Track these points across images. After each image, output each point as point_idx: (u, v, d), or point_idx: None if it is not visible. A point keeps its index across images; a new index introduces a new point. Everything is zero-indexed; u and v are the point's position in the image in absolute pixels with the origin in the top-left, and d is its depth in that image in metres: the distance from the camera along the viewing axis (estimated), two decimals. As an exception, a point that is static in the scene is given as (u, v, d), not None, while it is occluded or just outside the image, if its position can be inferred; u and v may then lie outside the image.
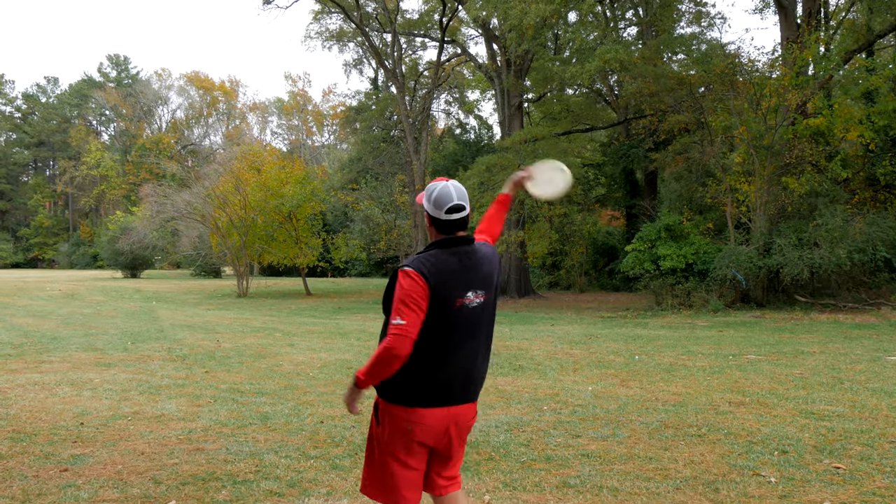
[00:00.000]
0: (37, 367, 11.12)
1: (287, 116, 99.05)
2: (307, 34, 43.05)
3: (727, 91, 22.34)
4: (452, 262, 3.36)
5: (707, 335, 15.29)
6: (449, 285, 3.31)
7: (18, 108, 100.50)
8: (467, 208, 3.49)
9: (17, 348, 13.44)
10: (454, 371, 3.41)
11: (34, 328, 17.28)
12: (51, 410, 7.95)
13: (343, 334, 16.37)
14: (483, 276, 3.43)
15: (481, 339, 3.48)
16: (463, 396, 3.46)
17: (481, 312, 3.44)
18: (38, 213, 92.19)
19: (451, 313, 3.34)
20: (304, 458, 6.14)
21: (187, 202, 34.51)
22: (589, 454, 6.12)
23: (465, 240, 3.45)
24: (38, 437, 6.79)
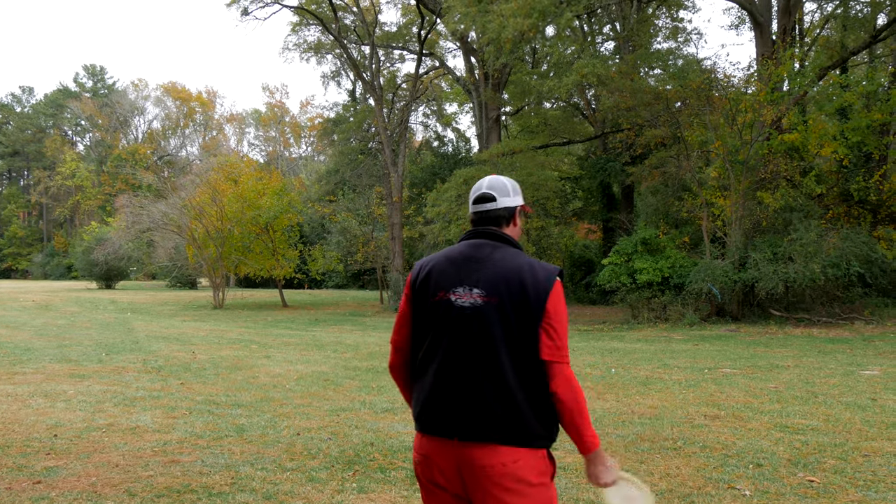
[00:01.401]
0: (10, 378, 11.00)
1: (264, 128, 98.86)
2: (285, 46, 42.97)
3: (703, 106, 22.52)
4: (454, 252, 2.94)
5: (683, 349, 15.37)
6: (434, 276, 2.90)
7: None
8: (499, 200, 2.95)
9: (-11, 359, 13.30)
10: (425, 385, 2.87)
11: (7, 339, 17.10)
12: (24, 422, 7.87)
13: (320, 346, 16.32)
14: (492, 275, 2.79)
15: (473, 353, 2.75)
16: (438, 424, 2.80)
17: (476, 317, 2.76)
18: (11, 224, 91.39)
19: (428, 308, 2.89)
20: (281, 470, 6.11)
21: (163, 213, 34.32)
22: (565, 467, 6.13)
23: (486, 233, 2.95)
24: (11, 449, 6.72)
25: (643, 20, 31.23)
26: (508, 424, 2.69)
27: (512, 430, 2.69)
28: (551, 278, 2.75)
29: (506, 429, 2.69)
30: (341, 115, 44.21)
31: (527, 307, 2.71)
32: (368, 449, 6.77)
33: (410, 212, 38.19)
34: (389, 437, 7.25)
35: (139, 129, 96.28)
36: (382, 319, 26.39)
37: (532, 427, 2.71)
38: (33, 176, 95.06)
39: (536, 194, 27.06)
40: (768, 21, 23.94)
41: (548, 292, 2.72)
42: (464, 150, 43.96)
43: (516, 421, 2.69)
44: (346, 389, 10.22)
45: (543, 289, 2.72)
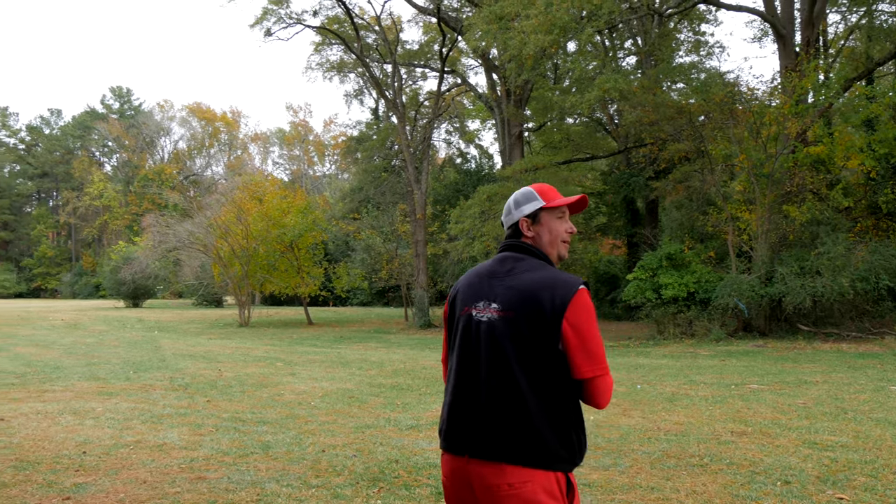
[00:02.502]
0: (40, 396, 11.10)
1: (288, 147, 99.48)
2: (308, 65, 43.31)
3: (727, 119, 22.41)
4: (483, 268, 2.94)
5: (709, 364, 15.25)
6: (462, 291, 2.91)
7: (22, 140, 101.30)
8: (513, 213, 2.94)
9: (20, 377, 13.44)
10: (446, 402, 2.88)
11: (37, 358, 17.27)
12: (53, 439, 7.94)
13: (345, 364, 16.34)
14: (508, 290, 2.75)
15: (486, 370, 2.72)
16: (451, 439, 2.80)
17: (491, 332, 2.73)
18: (41, 244, 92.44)
19: (457, 324, 2.89)
20: (306, 487, 6.12)
21: (189, 232, 34.58)
22: (590, 484, 6.09)
23: (512, 245, 2.92)
24: (41, 466, 6.78)
25: (665, 34, 31.18)
26: (519, 444, 2.62)
27: (523, 450, 2.62)
28: (571, 291, 2.65)
29: (516, 448, 2.62)
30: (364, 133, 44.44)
31: (542, 321, 2.63)
32: (393, 466, 6.76)
33: (434, 229, 38.25)
34: (414, 454, 7.23)
35: (165, 150, 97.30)
36: (407, 337, 26.39)
37: (549, 448, 2.63)
38: (62, 196, 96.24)
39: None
40: (791, 33, 23.82)
41: (565, 306, 2.62)
42: (487, 167, 44.04)
43: (529, 441, 2.62)
44: (371, 406, 10.22)
45: (560, 302, 2.63)
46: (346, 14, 33.05)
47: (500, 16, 22.94)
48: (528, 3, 21.83)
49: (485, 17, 23.44)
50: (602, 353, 2.67)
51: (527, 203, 2.92)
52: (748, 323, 21.24)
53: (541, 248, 2.90)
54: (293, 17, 33.53)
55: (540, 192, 2.93)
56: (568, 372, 2.66)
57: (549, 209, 2.91)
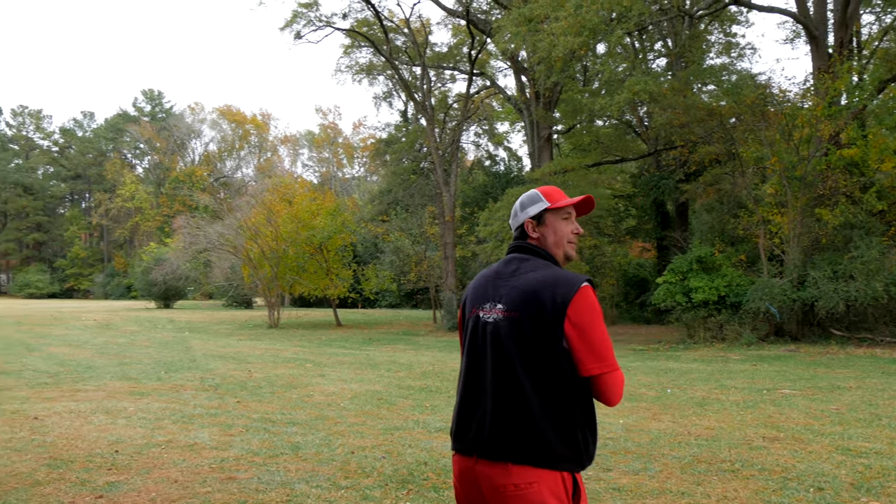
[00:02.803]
0: (72, 395, 11.23)
1: (318, 149, 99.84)
2: (337, 68, 43.62)
3: (758, 122, 22.23)
4: (491, 269, 2.98)
5: (740, 369, 15.12)
6: (471, 294, 2.97)
7: (56, 142, 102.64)
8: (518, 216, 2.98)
9: (53, 377, 13.60)
10: (456, 402, 2.91)
11: (70, 357, 17.47)
12: (86, 438, 8.03)
13: (373, 365, 16.37)
14: (512, 290, 2.77)
15: (491, 370, 2.74)
16: (460, 440, 2.83)
17: (496, 333, 2.76)
18: (73, 245, 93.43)
19: (465, 325, 2.96)
20: (335, 488, 6.14)
21: (220, 234, 34.83)
22: (620, 488, 6.06)
23: (518, 247, 2.95)
24: (74, 464, 6.86)
25: (695, 36, 30.97)
26: (524, 444, 2.63)
27: (528, 451, 2.62)
28: (572, 289, 2.64)
29: (521, 449, 2.63)
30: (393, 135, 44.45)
31: (544, 320, 2.63)
32: (422, 468, 6.76)
33: (463, 231, 38.23)
34: (443, 456, 7.23)
35: (196, 152, 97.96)
36: (436, 339, 26.40)
37: (553, 448, 2.62)
38: (94, 198, 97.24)
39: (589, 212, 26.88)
40: (824, 34, 23.57)
41: (566, 304, 2.62)
42: (516, 169, 43.96)
43: (533, 440, 2.62)
44: (400, 408, 10.23)
45: (561, 301, 2.62)
46: (376, 17, 33.14)
47: (529, 18, 22.90)
48: (557, 5, 21.76)
49: (514, 20, 23.41)
50: (609, 350, 2.67)
51: (531, 205, 2.94)
52: (780, 327, 21.05)
53: (546, 249, 2.91)
54: (323, 19, 33.67)
55: (545, 193, 2.95)
56: (573, 370, 2.65)
57: (553, 210, 2.92)
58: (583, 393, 2.69)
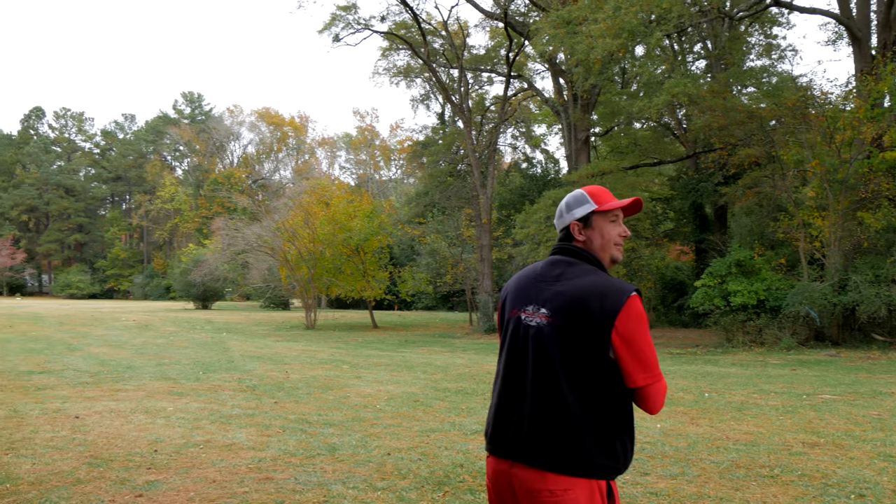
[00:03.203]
0: (113, 395, 11.37)
1: (355, 151, 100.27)
2: (375, 70, 43.65)
3: (799, 124, 21.98)
4: (534, 270, 2.89)
5: (780, 373, 14.96)
6: (512, 294, 2.90)
7: (97, 145, 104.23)
8: (564, 217, 2.90)
9: (94, 376, 13.77)
10: (492, 404, 2.87)
11: (110, 357, 17.69)
12: (126, 437, 8.12)
13: (409, 367, 16.40)
14: (557, 296, 2.70)
15: (532, 375, 2.70)
16: (494, 442, 2.80)
17: (538, 337, 2.70)
18: (114, 246, 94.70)
19: (504, 326, 2.89)
20: (372, 489, 6.16)
21: (257, 235, 35.10)
22: (657, 493, 6.02)
23: (564, 249, 2.87)
24: (115, 463, 6.94)
25: (735, 38, 30.69)
26: (562, 451, 2.59)
27: (565, 458, 2.59)
28: (621, 299, 2.60)
29: (558, 456, 2.59)
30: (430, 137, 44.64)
31: (590, 329, 2.59)
32: (458, 470, 6.77)
33: (499, 233, 38.21)
34: (479, 458, 7.23)
35: (234, 154, 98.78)
36: (472, 341, 26.39)
37: (591, 456, 2.59)
38: (134, 200, 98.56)
39: (627, 215, 26.71)
40: (867, 36, 23.26)
41: (615, 314, 2.58)
42: (553, 172, 43.85)
43: (571, 449, 2.59)
44: (436, 410, 10.24)
45: (610, 311, 2.58)
46: (414, 19, 33.23)
47: (567, 20, 22.84)
48: (595, 7, 21.69)
49: (552, 22, 23.36)
50: (654, 360, 2.64)
51: (578, 206, 2.87)
52: (820, 332, 20.79)
53: (593, 253, 2.85)
54: (361, 22, 33.82)
55: (592, 194, 2.88)
56: (616, 379, 2.63)
57: (601, 212, 2.86)
58: (624, 401, 2.67)
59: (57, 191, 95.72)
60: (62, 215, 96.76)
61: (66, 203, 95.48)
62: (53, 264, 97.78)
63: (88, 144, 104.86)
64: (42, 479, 6.39)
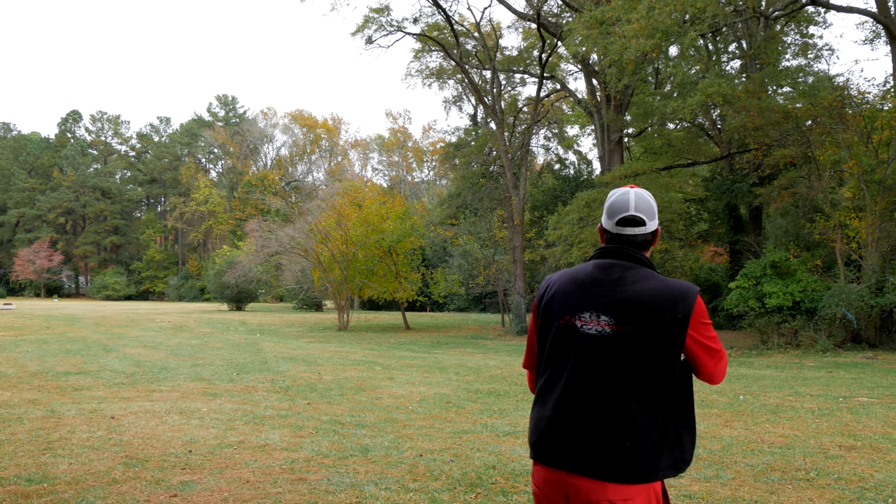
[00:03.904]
0: (148, 395, 11.48)
1: (388, 153, 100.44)
2: (408, 72, 43.67)
3: (836, 124, 21.74)
4: (582, 273, 2.79)
5: (816, 376, 14.79)
6: (559, 298, 2.78)
7: (133, 147, 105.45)
8: (648, 224, 2.79)
9: (129, 377, 13.92)
10: (544, 414, 2.77)
11: (145, 358, 17.87)
12: (161, 438, 8.20)
13: (442, 369, 16.42)
14: (621, 302, 2.64)
15: (597, 385, 2.63)
16: (550, 454, 2.71)
17: (602, 346, 2.64)
18: (149, 248, 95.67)
19: (552, 331, 2.78)
20: (404, 490, 6.17)
21: (291, 237, 35.28)
22: (691, 495, 5.98)
23: (618, 253, 2.79)
24: (150, 463, 7.01)
25: (771, 37, 30.38)
26: (624, 463, 2.57)
27: (627, 469, 2.56)
28: (691, 303, 2.62)
29: (620, 467, 2.57)
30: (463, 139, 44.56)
31: (662, 335, 2.59)
32: (490, 472, 6.76)
33: (532, 235, 38.10)
34: (511, 460, 7.22)
35: (268, 156, 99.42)
36: (504, 343, 26.36)
37: (654, 464, 2.58)
38: (169, 202, 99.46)
39: (660, 217, 26.51)
40: (905, 34, 22.96)
41: (687, 319, 2.60)
42: (585, 173, 43.62)
43: (634, 459, 2.57)
44: (468, 412, 10.24)
45: (683, 317, 2.59)
46: (446, 21, 33.26)
47: (600, 20, 22.75)
48: (629, 8, 21.58)
49: (585, 22, 23.27)
50: (720, 344, 2.71)
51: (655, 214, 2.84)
52: (857, 334, 20.54)
53: (649, 256, 2.82)
54: (394, 24, 33.90)
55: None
56: (683, 378, 2.67)
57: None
58: (688, 399, 2.70)
59: (93, 193, 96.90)
60: (98, 217, 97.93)
61: (103, 205, 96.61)
62: (90, 266, 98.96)
63: (124, 147, 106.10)
64: (78, 479, 6.47)
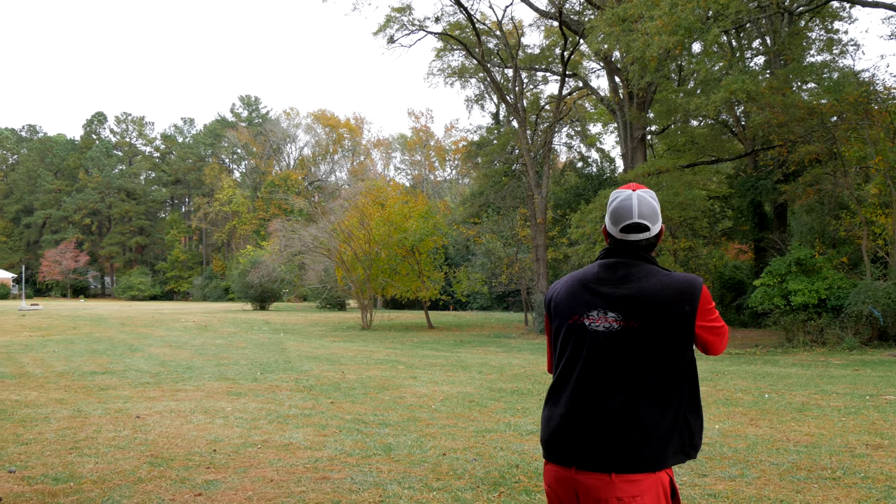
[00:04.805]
0: (173, 395, 11.57)
1: (410, 152, 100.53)
2: (430, 71, 43.74)
3: (861, 120, 21.54)
4: (589, 274, 2.83)
5: (842, 374, 14.67)
6: (567, 299, 2.82)
7: (157, 148, 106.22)
8: (652, 229, 2.79)
9: (154, 377, 14.03)
10: (556, 413, 2.79)
11: (170, 358, 17.99)
12: (186, 437, 8.26)
13: (465, 367, 16.42)
14: (626, 299, 2.68)
15: (607, 380, 2.66)
16: (560, 451, 2.73)
17: (608, 344, 2.67)
18: (174, 248, 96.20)
19: (563, 333, 2.81)
20: (427, 489, 6.18)
21: (314, 237, 35.38)
22: (716, 494, 5.95)
23: (629, 252, 2.81)
24: (175, 462, 7.06)
25: (795, 33, 30.14)
26: (634, 451, 2.59)
27: (637, 456, 2.59)
28: (696, 296, 2.66)
29: (629, 455, 2.59)
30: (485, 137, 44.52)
31: (671, 329, 2.63)
32: (514, 471, 6.76)
33: (555, 233, 38.01)
34: (535, 459, 7.21)
35: (291, 156, 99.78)
36: (527, 341, 26.33)
37: (663, 451, 2.62)
38: (193, 202, 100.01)
39: (684, 214, 26.44)
40: (932, 29, 22.70)
41: (694, 312, 2.64)
42: (608, 171, 43.46)
43: (644, 447, 2.59)
44: (492, 411, 10.24)
45: (690, 310, 2.64)
46: (468, 20, 33.24)
47: (623, 18, 22.65)
48: (652, 4, 21.47)
49: (607, 20, 23.18)
50: (722, 321, 2.77)
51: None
52: (884, 331, 20.34)
53: (650, 253, 2.85)
54: (415, 23, 33.93)
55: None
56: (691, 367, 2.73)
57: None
58: (695, 387, 2.75)
59: (118, 194, 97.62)
60: (123, 218, 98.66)
61: (128, 206, 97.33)
62: (115, 266, 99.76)
63: (149, 148, 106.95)
64: (104, 478, 6.53)
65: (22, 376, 14.00)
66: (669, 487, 2.66)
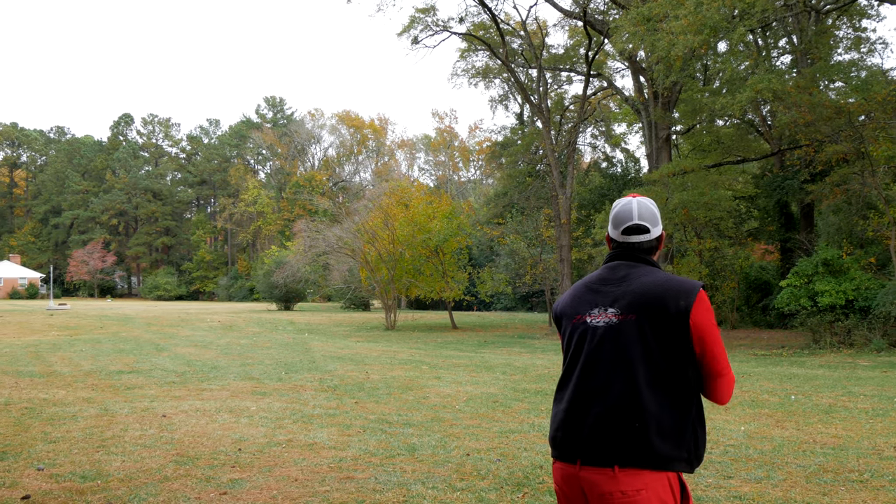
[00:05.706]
0: (198, 394, 11.64)
1: (434, 152, 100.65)
2: (454, 72, 43.77)
3: (890, 119, 21.31)
4: (594, 277, 2.93)
5: (870, 376, 14.53)
6: (573, 302, 2.90)
7: (183, 150, 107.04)
8: (652, 231, 2.89)
9: (180, 376, 14.12)
10: (560, 410, 2.83)
11: (196, 357, 18.11)
12: (211, 436, 8.31)
13: (489, 368, 16.40)
14: (626, 294, 2.75)
15: (604, 373, 2.70)
16: (565, 447, 2.75)
17: (609, 335, 2.72)
18: (199, 248, 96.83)
19: (569, 332, 2.88)
20: (451, 489, 6.18)
21: (338, 237, 35.49)
22: (741, 496, 5.91)
23: (630, 254, 2.90)
24: (200, 461, 7.11)
25: (822, 31, 29.87)
26: (636, 445, 2.59)
27: (639, 451, 2.59)
28: (693, 293, 2.68)
29: (632, 450, 2.59)
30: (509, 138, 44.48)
31: (665, 323, 2.66)
32: (538, 472, 6.75)
33: (579, 234, 37.92)
34: (558, 460, 7.18)
35: (315, 157, 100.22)
36: (551, 342, 26.27)
37: (666, 448, 2.61)
38: (219, 203, 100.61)
39: (709, 214, 26.29)
40: (962, 27, 22.43)
41: (689, 308, 2.65)
42: (633, 171, 43.30)
43: (646, 442, 2.59)
44: (515, 411, 10.22)
45: (685, 305, 2.66)
46: (492, 20, 33.21)
47: (647, 17, 22.54)
48: (677, 4, 21.36)
49: (632, 19, 23.08)
50: (724, 353, 2.73)
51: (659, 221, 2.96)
52: (913, 333, 20.13)
53: (653, 257, 2.94)
54: (439, 24, 33.93)
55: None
56: (690, 369, 2.69)
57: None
58: (695, 392, 2.72)
59: (145, 195, 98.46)
60: (150, 219, 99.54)
61: (154, 207, 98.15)
62: (142, 266, 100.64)
63: (175, 149, 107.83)
64: (131, 476, 6.58)
65: (50, 375, 14.14)
66: (678, 486, 2.67)
